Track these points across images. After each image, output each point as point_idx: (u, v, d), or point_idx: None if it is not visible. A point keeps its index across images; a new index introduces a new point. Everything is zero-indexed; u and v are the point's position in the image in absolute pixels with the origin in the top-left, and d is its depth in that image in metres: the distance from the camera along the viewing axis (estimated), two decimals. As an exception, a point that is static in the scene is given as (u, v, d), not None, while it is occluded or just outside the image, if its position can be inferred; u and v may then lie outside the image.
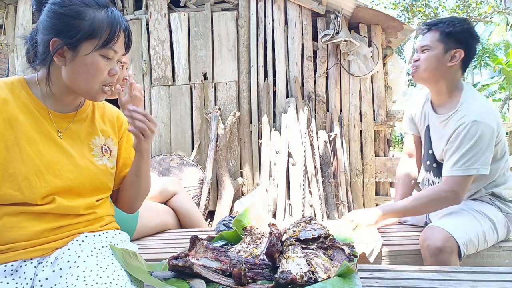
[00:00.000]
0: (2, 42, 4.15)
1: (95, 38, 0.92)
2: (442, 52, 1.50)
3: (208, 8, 3.95)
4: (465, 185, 1.45)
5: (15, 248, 0.89)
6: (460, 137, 1.44)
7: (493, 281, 1.02)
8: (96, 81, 0.95)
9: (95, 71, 0.94)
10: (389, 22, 3.81)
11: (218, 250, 1.10)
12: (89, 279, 0.80)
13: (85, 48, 0.92)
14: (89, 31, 0.91)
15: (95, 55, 0.93)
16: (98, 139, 1.06)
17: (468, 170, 1.42)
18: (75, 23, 0.90)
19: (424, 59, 1.53)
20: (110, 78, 0.98)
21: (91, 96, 0.99)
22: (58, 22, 0.91)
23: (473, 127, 1.41)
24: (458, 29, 1.48)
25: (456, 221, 1.44)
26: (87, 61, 0.92)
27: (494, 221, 1.49)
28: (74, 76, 0.94)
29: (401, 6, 12.39)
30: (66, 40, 0.90)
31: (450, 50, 1.49)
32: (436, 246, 1.33)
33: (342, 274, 0.95)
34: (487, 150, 1.41)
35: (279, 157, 3.59)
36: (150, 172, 1.19)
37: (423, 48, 1.54)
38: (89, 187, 1.00)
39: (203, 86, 3.96)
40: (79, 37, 0.90)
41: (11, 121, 0.90)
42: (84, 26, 0.91)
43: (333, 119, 3.87)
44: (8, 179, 0.88)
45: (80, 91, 0.97)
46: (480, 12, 12.03)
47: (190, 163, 3.68)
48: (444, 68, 1.51)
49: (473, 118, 1.42)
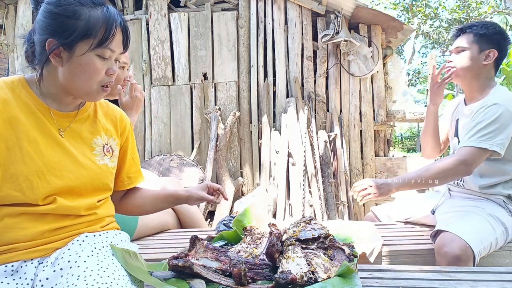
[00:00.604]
0: (2, 42, 4.15)
1: (90, 37, 0.90)
2: (477, 52, 1.60)
3: (208, 8, 3.95)
4: (477, 157, 1.48)
5: (16, 249, 0.88)
6: (480, 116, 1.51)
7: (493, 281, 1.02)
8: (94, 81, 0.94)
9: (91, 71, 0.93)
10: (389, 22, 3.82)
11: (218, 250, 1.10)
12: (90, 279, 0.79)
13: (81, 48, 0.90)
14: (84, 31, 0.89)
15: (91, 55, 0.92)
16: (100, 139, 1.06)
17: (481, 143, 1.46)
18: (70, 23, 0.89)
19: (461, 59, 1.63)
20: (108, 78, 0.97)
21: (90, 97, 0.98)
22: (53, 22, 0.90)
23: (493, 108, 1.49)
24: (491, 31, 1.60)
25: (472, 228, 1.43)
26: (82, 61, 0.91)
27: (506, 226, 1.50)
28: (70, 77, 0.93)
29: (401, 6, 12.40)
30: (62, 40, 0.89)
31: (484, 50, 1.60)
32: (454, 254, 1.34)
33: (342, 274, 0.95)
34: (503, 132, 1.46)
35: (279, 157, 3.59)
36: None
37: (459, 49, 1.65)
38: (90, 187, 1.00)
39: (203, 86, 3.96)
40: (74, 37, 0.89)
41: (11, 121, 0.90)
42: (79, 26, 0.89)
43: (333, 119, 3.87)
44: (9, 180, 0.88)
45: (78, 92, 0.96)
46: (480, 12, 12.03)
47: (190, 163, 3.69)
48: (480, 66, 1.61)
49: (495, 101, 1.51)
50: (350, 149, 3.90)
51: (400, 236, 1.68)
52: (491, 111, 1.49)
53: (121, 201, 1.21)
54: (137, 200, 1.23)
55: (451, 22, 12.65)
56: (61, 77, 0.94)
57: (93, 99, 0.99)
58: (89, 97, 0.98)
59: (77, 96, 0.99)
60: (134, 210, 1.25)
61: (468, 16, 11.97)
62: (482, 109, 1.52)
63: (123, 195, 1.23)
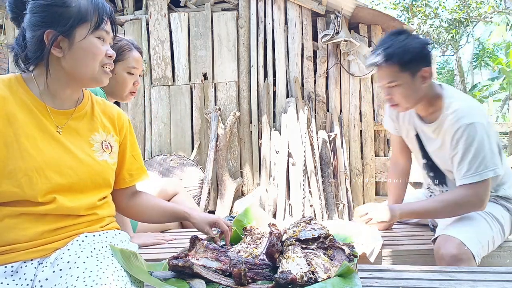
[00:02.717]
0: (2, 42, 4.15)
1: (86, 21, 0.93)
2: (411, 79, 1.43)
3: (208, 8, 3.95)
4: (487, 189, 1.41)
5: (15, 249, 0.88)
6: (461, 143, 1.40)
7: (493, 281, 1.02)
8: (97, 62, 0.97)
9: (94, 53, 0.95)
10: (389, 22, 3.82)
11: (218, 250, 1.10)
12: (89, 279, 0.79)
13: (80, 33, 0.93)
14: (79, 16, 0.93)
15: (91, 38, 0.95)
16: (98, 135, 1.06)
17: (485, 173, 1.38)
18: (64, 11, 0.92)
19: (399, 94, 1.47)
20: (108, 59, 1.00)
21: (97, 80, 1.00)
22: (46, 14, 0.92)
23: (469, 129, 1.38)
24: (416, 52, 1.42)
25: (468, 229, 1.40)
26: (84, 45, 0.94)
27: (502, 223, 1.48)
28: (75, 63, 0.95)
29: (401, 6, 12.40)
30: (60, 28, 0.91)
31: (416, 73, 1.43)
32: (451, 254, 1.31)
33: (342, 274, 0.95)
34: (492, 148, 1.39)
35: (279, 157, 3.59)
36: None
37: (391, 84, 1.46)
38: (90, 183, 0.99)
39: (203, 86, 3.96)
40: (71, 23, 0.92)
41: (9, 118, 0.90)
42: (73, 12, 0.92)
43: (333, 119, 3.87)
44: (8, 176, 0.88)
45: (85, 77, 0.97)
46: (480, 12, 12.02)
47: (190, 163, 3.69)
48: (420, 89, 1.46)
49: (465, 121, 1.39)
50: (350, 149, 3.90)
51: (400, 236, 1.68)
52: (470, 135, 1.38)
53: (129, 204, 1.21)
54: (145, 208, 1.23)
55: (451, 22, 12.65)
56: (65, 67, 0.95)
57: (99, 82, 1.01)
58: (94, 80, 1.00)
59: (83, 83, 1.00)
60: (141, 216, 1.25)
61: (468, 16, 11.97)
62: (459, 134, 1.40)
63: (130, 196, 1.22)
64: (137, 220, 1.30)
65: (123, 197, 1.19)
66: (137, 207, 1.22)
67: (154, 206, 1.24)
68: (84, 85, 1.02)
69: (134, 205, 1.21)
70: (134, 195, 1.23)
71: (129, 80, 1.60)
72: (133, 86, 1.62)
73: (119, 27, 4.03)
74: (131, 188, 1.22)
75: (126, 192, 1.20)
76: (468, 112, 1.42)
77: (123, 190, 1.18)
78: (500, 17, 13.61)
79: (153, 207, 1.24)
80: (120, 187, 1.17)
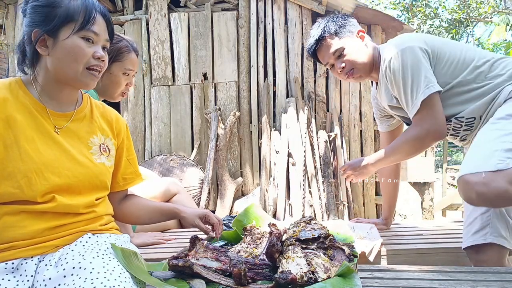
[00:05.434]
0: (2, 42, 4.15)
1: (71, 21, 0.94)
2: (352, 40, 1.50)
3: (208, 8, 3.95)
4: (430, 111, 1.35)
5: (15, 247, 0.89)
6: (390, 79, 1.42)
7: (493, 281, 1.02)
8: (80, 63, 0.96)
9: (76, 54, 0.95)
10: (389, 22, 3.82)
11: (218, 250, 1.10)
12: (97, 281, 0.80)
13: (64, 32, 0.94)
14: (65, 16, 0.94)
15: (75, 38, 0.95)
16: (96, 138, 1.07)
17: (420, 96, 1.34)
18: (52, 11, 0.94)
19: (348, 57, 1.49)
20: (96, 61, 0.99)
21: (80, 81, 0.98)
22: (36, 15, 0.95)
23: (392, 62, 1.40)
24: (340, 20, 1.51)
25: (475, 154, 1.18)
26: (67, 45, 0.94)
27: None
28: (57, 62, 0.95)
29: (401, 6, 12.40)
30: (44, 27, 0.93)
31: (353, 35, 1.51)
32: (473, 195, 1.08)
33: (342, 274, 0.95)
34: (421, 69, 1.35)
35: (279, 157, 3.59)
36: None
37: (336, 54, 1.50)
38: (88, 185, 1.00)
39: (203, 86, 3.96)
40: (56, 22, 0.93)
41: (9, 120, 0.91)
42: (60, 12, 0.94)
43: (333, 119, 3.88)
44: (8, 178, 0.89)
45: (67, 77, 0.97)
46: (480, 12, 12.03)
47: (190, 163, 3.69)
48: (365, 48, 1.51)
49: (388, 57, 1.42)
50: (350, 149, 3.90)
51: (400, 236, 1.69)
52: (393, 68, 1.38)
53: (119, 207, 1.21)
54: (134, 209, 1.24)
55: (451, 22, 12.66)
56: (49, 66, 0.96)
57: (83, 84, 1.00)
58: (77, 82, 0.99)
59: (67, 84, 1.00)
60: (130, 218, 1.25)
61: (468, 16, 11.98)
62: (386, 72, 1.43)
63: (121, 199, 1.23)
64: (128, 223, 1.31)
65: (114, 201, 1.19)
66: (126, 209, 1.22)
67: (143, 207, 1.25)
68: (72, 86, 1.01)
69: (124, 208, 1.22)
70: (125, 198, 1.25)
71: (123, 80, 1.61)
72: (125, 86, 1.64)
73: (119, 27, 4.04)
74: (124, 192, 1.23)
75: (118, 195, 1.21)
76: (389, 50, 1.43)
77: (115, 193, 1.19)
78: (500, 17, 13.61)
79: (142, 208, 1.24)
80: (114, 191, 1.17)
